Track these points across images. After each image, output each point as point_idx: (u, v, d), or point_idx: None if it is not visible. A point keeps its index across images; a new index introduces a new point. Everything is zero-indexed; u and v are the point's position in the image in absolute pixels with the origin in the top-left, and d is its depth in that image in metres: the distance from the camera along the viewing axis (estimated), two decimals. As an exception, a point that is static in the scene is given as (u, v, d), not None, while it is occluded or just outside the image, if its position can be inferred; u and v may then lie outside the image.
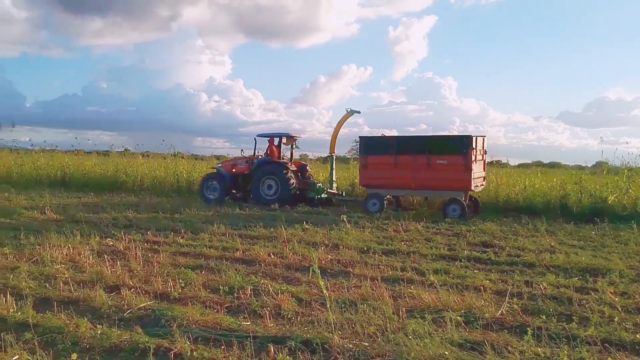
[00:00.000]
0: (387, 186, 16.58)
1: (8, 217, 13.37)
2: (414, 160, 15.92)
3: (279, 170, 17.80)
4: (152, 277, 7.46)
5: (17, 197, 18.15)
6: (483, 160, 16.66)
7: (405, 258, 9.28)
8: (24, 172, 25.19)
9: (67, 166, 25.02)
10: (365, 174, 16.85)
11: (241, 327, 5.45)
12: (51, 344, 4.99)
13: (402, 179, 16.15)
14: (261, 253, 9.08)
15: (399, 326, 5.46)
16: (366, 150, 16.83)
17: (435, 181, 15.70)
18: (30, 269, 7.75)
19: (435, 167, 15.59)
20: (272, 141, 18.94)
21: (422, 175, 15.80)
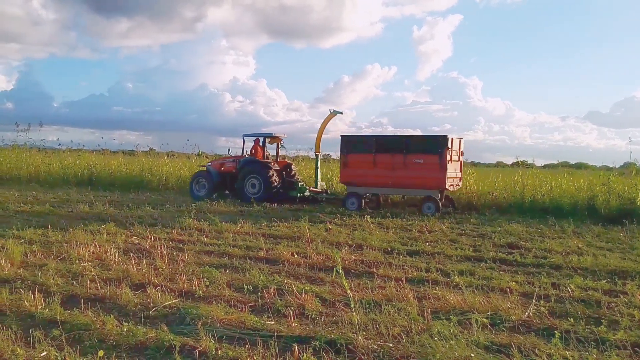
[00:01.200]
0: (366, 184, 17.06)
1: (37, 215, 13.60)
2: (391, 159, 16.50)
3: (262, 170, 18.44)
4: (177, 275, 7.51)
5: (45, 195, 18.48)
6: (459, 161, 17.14)
7: (430, 259, 9.20)
8: (51, 171, 25.62)
9: (93, 165, 25.39)
10: (345, 172, 17.43)
11: (265, 327, 5.45)
12: (78, 340, 5.04)
13: (381, 177, 16.69)
14: (285, 253, 9.09)
15: (424, 327, 5.40)
16: (347, 149, 17.32)
17: (412, 179, 16.27)
18: (58, 267, 7.87)
19: (412, 166, 16.19)
20: (257, 141, 19.62)
21: (399, 173, 16.37)
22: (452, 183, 16.51)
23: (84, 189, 21.91)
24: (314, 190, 19.23)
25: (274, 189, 18.41)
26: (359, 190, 17.11)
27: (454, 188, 16.99)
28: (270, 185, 18.27)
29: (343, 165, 17.57)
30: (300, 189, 18.84)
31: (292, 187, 19.02)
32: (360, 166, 17.05)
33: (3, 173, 26.15)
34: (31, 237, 10.28)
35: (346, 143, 17.43)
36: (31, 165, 26.27)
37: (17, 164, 26.49)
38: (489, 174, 22.01)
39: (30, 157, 27.37)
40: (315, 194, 19.15)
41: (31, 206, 15.23)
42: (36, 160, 26.78)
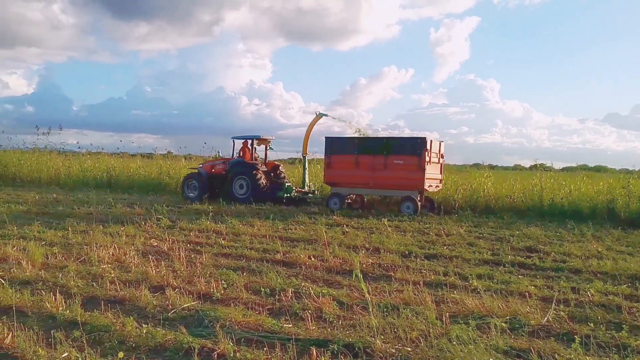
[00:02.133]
0: (349, 184, 17.53)
1: (57, 217, 13.78)
2: (373, 160, 16.96)
3: (250, 171, 18.95)
4: (195, 277, 7.56)
5: (65, 198, 18.70)
6: (440, 164, 17.63)
7: (448, 262, 9.16)
8: (71, 173, 25.96)
9: (112, 168, 25.68)
10: (329, 173, 17.87)
11: (283, 330, 5.46)
12: (98, 342, 5.10)
13: (362, 178, 17.17)
14: (302, 256, 9.10)
15: (442, 332, 5.38)
16: (330, 150, 17.73)
17: (392, 180, 16.74)
18: (78, 268, 7.96)
19: (392, 167, 16.66)
20: (246, 143, 20.17)
21: (380, 174, 16.86)
22: (432, 184, 16.95)
23: (103, 191, 22.13)
24: (301, 190, 19.67)
25: (261, 190, 18.85)
26: (342, 190, 17.60)
27: (434, 189, 17.38)
28: (257, 186, 18.75)
29: (327, 166, 17.98)
30: (286, 189, 19.23)
31: (279, 187, 19.42)
32: (343, 167, 17.50)
33: (24, 175, 26.54)
34: (52, 239, 10.42)
35: (330, 144, 17.84)
36: (51, 168, 26.63)
37: (38, 167, 26.88)
38: (507, 177, 21.89)
39: (51, 160, 27.75)
40: (303, 194, 19.59)
41: (52, 208, 15.43)
42: (56, 163, 27.13)
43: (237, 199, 18.65)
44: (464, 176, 21.03)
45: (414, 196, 16.44)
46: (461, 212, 17.16)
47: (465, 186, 19.13)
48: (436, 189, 17.63)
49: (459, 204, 18.11)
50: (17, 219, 13.14)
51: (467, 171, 26.51)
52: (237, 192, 19.08)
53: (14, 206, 15.74)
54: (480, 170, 27.47)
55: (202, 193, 19.62)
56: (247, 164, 19.49)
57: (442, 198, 18.57)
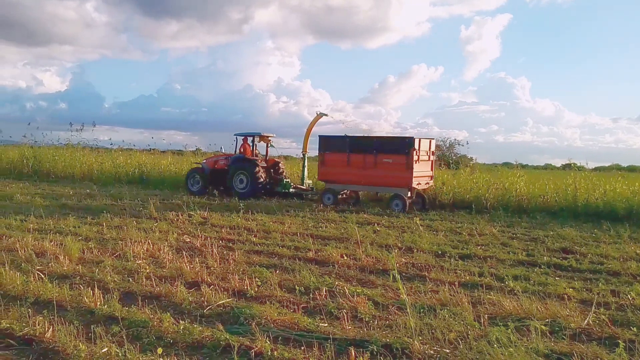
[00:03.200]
0: (341, 181, 18.08)
1: (92, 212, 13.99)
2: (364, 159, 17.46)
3: (250, 167, 19.42)
4: (228, 274, 7.59)
5: (99, 193, 19.00)
6: (430, 161, 18.05)
7: (482, 263, 9.04)
8: (104, 169, 26.34)
9: (144, 164, 25.98)
10: (323, 170, 18.48)
11: (319, 329, 5.44)
12: (137, 337, 5.14)
13: (354, 175, 17.70)
14: (334, 254, 9.07)
15: (481, 334, 5.30)
16: (324, 148, 18.35)
17: (382, 178, 17.20)
18: (114, 264, 8.06)
19: (382, 165, 17.14)
20: (246, 140, 20.72)
21: (370, 172, 17.34)
22: (420, 182, 17.35)
23: (135, 187, 22.41)
24: (299, 187, 20.29)
25: (260, 185, 19.36)
26: (336, 187, 18.15)
27: (423, 186, 17.76)
28: (256, 181, 19.20)
29: (321, 163, 18.57)
30: (284, 185, 19.94)
31: (277, 183, 20.12)
32: (336, 165, 18.05)
33: (58, 171, 27.03)
34: (87, 234, 10.59)
35: (324, 143, 18.46)
36: (84, 164, 27.05)
37: (72, 163, 27.34)
38: (539, 176, 21.52)
39: (84, 156, 28.19)
40: (300, 190, 20.15)
41: (86, 203, 15.69)
42: (89, 159, 27.56)
43: (238, 194, 19.22)
44: (495, 175, 20.73)
45: (402, 194, 16.84)
46: (493, 211, 16.94)
47: (497, 185, 18.87)
48: (426, 186, 18.06)
49: (490, 204, 17.87)
50: (52, 213, 13.37)
51: (496, 170, 26.16)
52: (237, 186, 19.60)
53: (49, 201, 16.05)
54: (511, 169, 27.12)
55: (205, 187, 20.35)
56: (247, 159, 19.99)
57: (474, 197, 18.35)
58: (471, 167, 21.69)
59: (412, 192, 17.16)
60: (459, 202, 18.36)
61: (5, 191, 18.79)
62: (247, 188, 19.36)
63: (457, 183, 19.52)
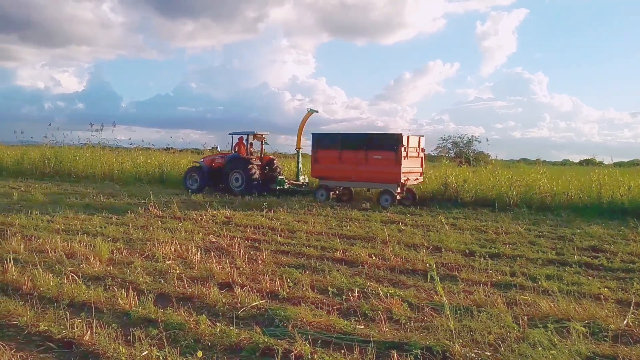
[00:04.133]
0: (333, 178, 18.71)
1: (116, 212, 14.09)
2: (355, 155, 18.10)
3: (244, 165, 20.05)
4: (259, 275, 7.58)
5: (120, 193, 19.12)
6: (419, 158, 18.62)
7: (512, 262, 8.95)
8: (124, 169, 26.52)
9: (164, 164, 26.09)
10: (316, 167, 19.13)
11: (356, 331, 5.40)
12: (175, 340, 5.13)
13: (346, 172, 18.33)
14: (362, 254, 9.01)
15: (520, 335, 5.22)
16: (317, 146, 18.99)
17: (372, 174, 17.85)
18: (143, 264, 8.09)
19: (372, 162, 17.77)
20: (241, 139, 21.42)
21: (361, 168, 17.97)
22: (409, 177, 17.85)
23: (156, 186, 22.51)
24: (294, 183, 20.84)
25: (255, 182, 19.95)
26: (328, 183, 18.77)
27: (413, 182, 18.26)
28: (251, 179, 19.83)
29: (314, 160, 19.20)
30: (279, 182, 20.33)
31: (272, 180, 20.58)
32: (329, 161, 18.68)
33: (79, 171, 27.26)
34: (114, 234, 10.63)
35: (316, 140, 19.09)
36: (105, 164, 27.26)
37: (92, 163, 27.57)
38: (560, 172, 21.30)
39: (104, 155, 28.40)
40: (295, 186, 20.64)
41: (109, 203, 15.79)
42: (110, 159, 27.76)
43: (234, 191, 19.95)
44: (517, 172, 20.52)
45: (392, 189, 17.34)
46: (516, 209, 16.78)
47: (520, 182, 18.69)
48: (415, 182, 18.54)
49: (513, 201, 17.71)
50: (77, 213, 13.49)
51: (514, 166, 25.93)
52: (233, 184, 20.28)
53: (73, 201, 16.18)
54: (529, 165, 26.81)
55: (202, 186, 21.03)
56: (242, 158, 20.57)
57: (496, 195, 18.20)
58: (493, 163, 21.45)
59: (402, 187, 17.67)
60: (481, 199, 18.24)
61: (29, 191, 18.97)
62: (243, 186, 19.99)
63: (478, 180, 19.38)
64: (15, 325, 5.50)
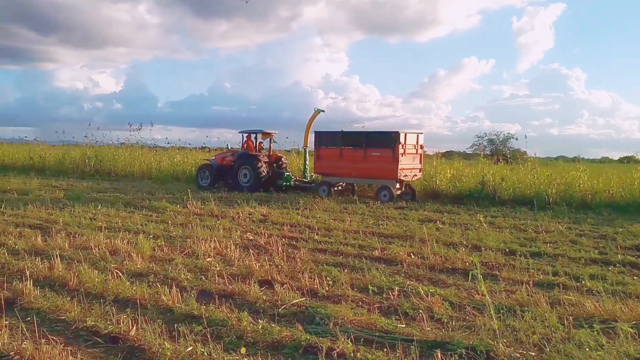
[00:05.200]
0: (335, 174, 19.37)
1: (155, 210, 14.33)
2: (354, 153, 18.83)
3: (252, 162, 20.61)
4: (297, 273, 7.62)
5: (159, 192, 19.44)
6: (418, 155, 19.00)
7: (554, 261, 8.79)
8: (162, 168, 26.96)
9: (200, 162, 26.37)
10: (318, 164, 19.96)
11: (397, 330, 5.38)
12: (218, 336, 5.20)
13: (346, 168, 19.02)
14: (400, 253, 8.97)
15: (565, 336, 5.13)
16: (319, 143, 19.81)
17: (370, 170, 18.44)
18: (184, 261, 8.21)
19: (370, 159, 18.41)
20: (249, 137, 22.03)
21: (360, 165, 18.61)
22: (407, 174, 18.37)
23: (193, 184, 22.78)
24: (300, 180, 21.59)
25: (263, 179, 20.47)
26: (330, 179, 19.45)
27: (411, 178, 18.76)
28: (259, 175, 20.36)
29: (316, 157, 20.07)
30: (286, 178, 20.95)
31: (279, 176, 21.13)
32: (330, 158, 19.40)
33: (119, 170, 27.89)
34: (154, 232, 10.82)
35: (319, 138, 19.90)
36: (143, 163, 27.78)
37: (131, 162, 28.16)
38: (600, 170, 20.78)
39: (142, 155, 28.94)
40: (302, 183, 21.34)
41: (148, 202, 16.07)
42: (148, 158, 28.27)
43: (242, 187, 20.51)
44: (556, 170, 20.13)
45: (390, 185, 17.91)
46: (556, 207, 16.47)
47: (559, 180, 18.33)
48: (414, 178, 19.00)
49: (552, 199, 17.39)
50: (119, 211, 13.78)
51: (552, 164, 25.45)
52: (242, 180, 20.84)
53: (113, 199, 16.52)
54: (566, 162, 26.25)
55: (213, 182, 21.76)
56: (250, 155, 21.13)
57: (535, 193, 17.89)
58: (531, 161, 21.09)
59: (401, 183, 18.40)
60: (519, 197, 17.97)
61: (72, 189, 19.45)
62: (251, 182, 20.54)
63: (516, 178, 19.09)
64: (63, 320, 5.65)
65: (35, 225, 11.51)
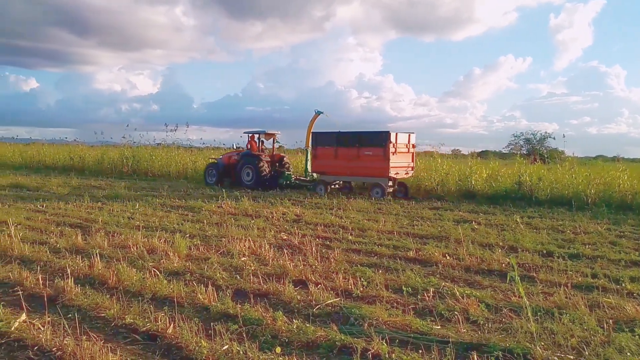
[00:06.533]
0: (331, 173, 20.32)
1: (191, 210, 14.54)
2: (348, 152, 19.64)
3: (254, 161, 21.69)
4: (331, 273, 7.63)
5: (195, 191, 19.71)
6: (410, 153, 19.87)
7: (593, 263, 8.60)
8: (197, 168, 27.28)
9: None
10: (315, 163, 20.81)
11: (433, 331, 5.35)
12: (253, 335, 5.25)
13: (341, 167, 19.90)
14: (435, 254, 8.90)
15: (605, 340, 5.02)
16: (316, 143, 20.70)
17: (364, 169, 19.30)
18: (219, 260, 8.31)
19: (364, 157, 19.24)
20: (253, 137, 23.20)
21: (354, 164, 19.45)
22: (399, 172, 19.19)
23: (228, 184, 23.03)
24: (300, 178, 22.44)
25: (264, 177, 21.51)
26: (327, 178, 20.43)
27: (403, 176, 19.62)
28: (260, 174, 21.41)
29: (314, 156, 20.87)
30: (286, 177, 21.99)
31: (280, 175, 22.16)
32: (326, 158, 20.27)
33: (155, 170, 28.39)
34: (190, 231, 10.98)
35: (316, 138, 20.82)
36: (179, 163, 28.20)
37: (167, 162, 28.63)
38: (639, 170, 20.23)
39: (179, 155, 29.38)
40: (302, 182, 22.13)
41: (184, 201, 16.30)
42: (184, 158, 28.69)
43: (245, 185, 21.62)
44: (594, 170, 19.67)
45: (382, 182, 18.71)
46: (595, 208, 16.10)
47: (598, 180, 17.91)
48: (406, 176, 19.86)
49: (591, 200, 17.00)
50: (156, 211, 14.02)
51: (591, 164, 24.86)
52: (244, 179, 21.92)
53: (151, 199, 16.81)
54: (606, 162, 25.60)
55: (219, 180, 22.88)
56: (253, 154, 22.27)
57: (573, 193, 17.53)
58: (569, 161, 20.64)
59: (393, 181, 19.21)
60: (556, 198, 17.62)
61: (111, 189, 19.87)
62: (253, 180, 21.59)
63: (554, 178, 18.73)
64: (103, 317, 5.78)
65: (76, 224, 11.80)
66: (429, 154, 24.53)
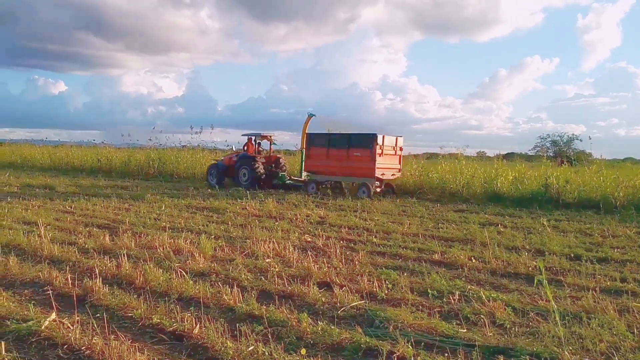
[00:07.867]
0: (322, 173, 21.21)
1: (216, 211, 14.66)
2: (338, 153, 20.54)
3: (249, 162, 22.60)
4: (356, 276, 7.62)
5: (219, 193, 19.86)
6: (397, 156, 20.85)
7: (622, 267, 8.46)
8: (222, 170, 27.46)
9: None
10: (308, 163, 21.77)
11: (458, 334, 5.31)
12: (278, 336, 5.27)
13: (332, 167, 20.79)
14: (461, 257, 8.84)
15: (636, 345, 4.94)
16: (309, 144, 21.68)
17: (352, 169, 20.25)
18: (244, 262, 8.36)
19: (352, 158, 20.16)
20: (250, 139, 24.20)
21: (343, 164, 20.37)
22: (385, 173, 20.04)
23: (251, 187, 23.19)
24: (294, 178, 22.98)
25: (259, 178, 22.34)
26: (318, 177, 21.31)
27: (389, 177, 20.55)
28: (255, 175, 22.26)
29: (307, 157, 21.85)
30: (280, 177, 22.76)
31: (275, 176, 22.96)
32: (318, 158, 21.21)
33: (180, 172, 28.71)
34: (215, 232, 11.07)
35: (309, 139, 21.77)
36: (204, 165, 28.43)
37: (192, 164, 28.94)
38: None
39: (203, 157, 29.67)
40: (296, 182, 22.68)
41: (209, 203, 16.43)
42: (209, 160, 28.91)
43: (242, 185, 22.28)
44: (623, 172, 19.31)
45: (369, 183, 19.44)
46: (623, 211, 15.83)
47: (627, 183, 17.59)
48: (392, 177, 20.77)
49: (620, 203, 16.71)
50: (181, 212, 14.17)
51: (620, 166, 24.40)
52: (241, 179, 22.76)
53: (177, 200, 16.99)
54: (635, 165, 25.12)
55: (220, 180, 23.68)
56: (248, 156, 23.10)
57: (601, 196, 17.24)
58: (597, 163, 20.32)
59: (380, 181, 20.05)
60: (584, 201, 17.36)
61: (136, 191, 20.14)
62: (249, 180, 22.41)
63: (582, 181, 18.45)
64: (130, 317, 5.85)
65: (103, 225, 11.98)
66: (453, 156, 24.31)
